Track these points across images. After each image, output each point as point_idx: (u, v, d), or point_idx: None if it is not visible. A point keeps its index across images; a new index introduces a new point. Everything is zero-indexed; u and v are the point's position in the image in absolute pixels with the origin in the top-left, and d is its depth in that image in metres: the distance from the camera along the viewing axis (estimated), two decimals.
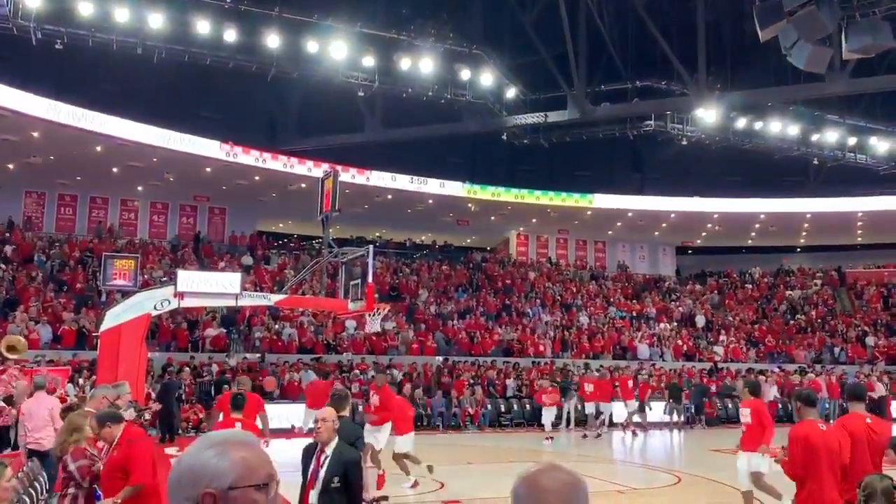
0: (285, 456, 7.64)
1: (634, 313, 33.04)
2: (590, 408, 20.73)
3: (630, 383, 21.88)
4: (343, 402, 6.91)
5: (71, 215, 29.29)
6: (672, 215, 34.62)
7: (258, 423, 10.27)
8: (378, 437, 11.59)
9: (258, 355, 23.45)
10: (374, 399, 12.06)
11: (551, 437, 19.48)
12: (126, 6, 22.53)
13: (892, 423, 6.39)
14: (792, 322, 34.40)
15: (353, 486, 5.25)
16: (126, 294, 14.94)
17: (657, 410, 23.15)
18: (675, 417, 23.23)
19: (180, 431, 18.62)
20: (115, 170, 26.73)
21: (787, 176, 36.40)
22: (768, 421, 9.32)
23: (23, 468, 8.42)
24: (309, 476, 5.31)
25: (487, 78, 28.24)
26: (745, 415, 9.39)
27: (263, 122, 32.48)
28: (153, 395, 17.05)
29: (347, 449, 5.40)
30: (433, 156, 33.21)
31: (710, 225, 36.40)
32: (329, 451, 5.28)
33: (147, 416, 11.62)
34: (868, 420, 5.95)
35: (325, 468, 5.21)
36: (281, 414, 20.04)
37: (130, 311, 13.22)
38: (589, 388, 20.80)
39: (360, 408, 20.90)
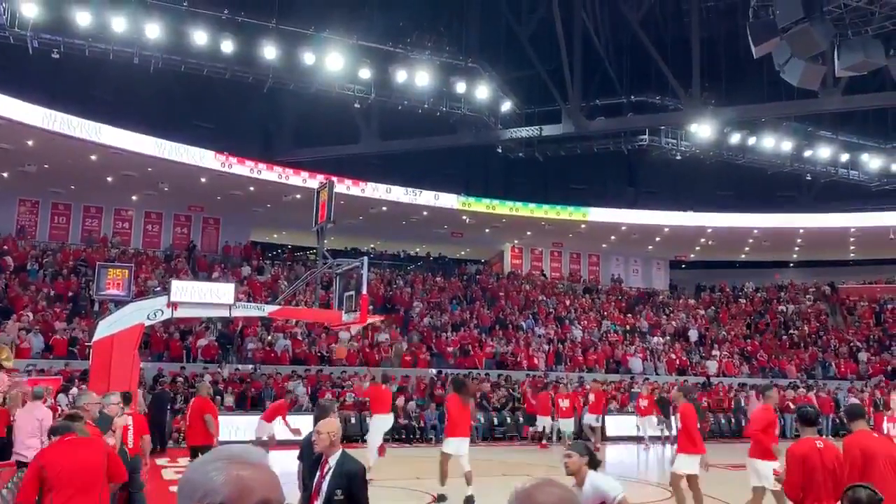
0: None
1: (628, 327, 33.07)
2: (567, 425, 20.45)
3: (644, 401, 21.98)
4: (327, 412, 6.90)
5: (65, 224, 29.21)
6: (666, 229, 34.72)
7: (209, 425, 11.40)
8: None
9: (251, 366, 23.37)
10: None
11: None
12: (123, 16, 22.58)
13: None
14: (785, 337, 34.48)
15: (357, 498, 4.99)
16: (119, 304, 14.89)
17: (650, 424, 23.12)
18: (666, 432, 23.22)
19: (171, 442, 18.52)
20: (109, 179, 26.68)
21: (781, 191, 36.61)
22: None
23: (13, 478, 8.36)
24: (313, 488, 5.12)
25: (483, 91, 28.35)
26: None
27: (259, 133, 32.52)
28: (145, 406, 16.94)
29: (350, 459, 5.13)
30: (428, 168, 33.28)
31: (703, 239, 36.51)
32: (332, 461, 5.06)
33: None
34: (875, 436, 5.88)
35: (327, 480, 5.00)
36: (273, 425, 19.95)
37: (124, 321, 13.16)
38: (564, 403, 20.73)
39: (353, 419, 20.93)
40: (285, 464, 6.97)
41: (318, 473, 5.14)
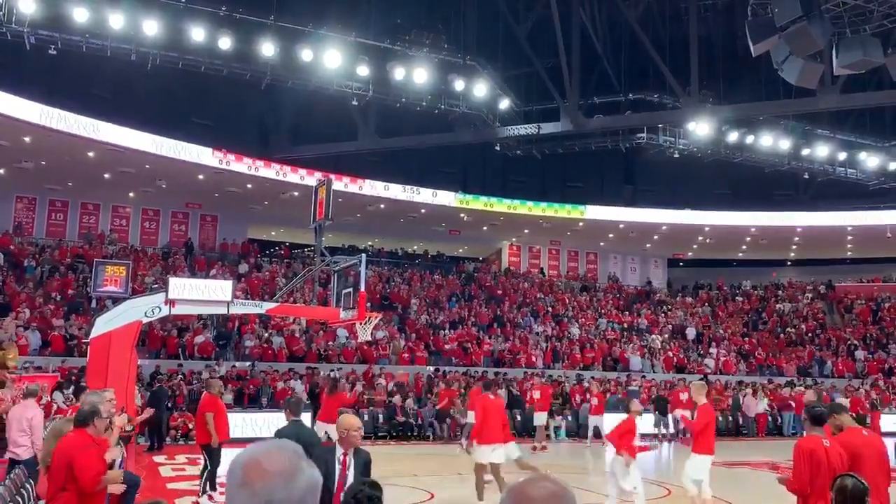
0: None
1: (625, 325, 33.09)
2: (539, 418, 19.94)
3: (682, 396, 21.76)
4: (300, 406, 7.85)
5: (62, 221, 29.17)
6: (663, 227, 34.74)
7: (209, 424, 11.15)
8: None
9: (248, 363, 23.36)
10: None
11: None
12: (121, 13, 22.51)
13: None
14: (782, 335, 34.52)
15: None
16: (117, 301, 14.87)
17: (646, 423, 23.09)
18: (663, 430, 23.26)
19: (168, 440, 18.51)
20: (106, 176, 26.64)
21: (778, 190, 36.61)
22: None
23: (8, 476, 8.35)
24: (337, 481, 5.61)
25: (481, 89, 28.32)
26: None
27: (257, 130, 32.45)
28: (144, 403, 16.94)
29: (360, 450, 5.82)
30: (426, 165, 33.29)
31: (701, 238, 36.53)
32: (350, 454, 5.71)
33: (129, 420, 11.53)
34: (826, 443, 5.97)
35: (351, 470, 5.62)
36: (271, 422, 19.98)
37: (121, 318, 13.15)
38: (536, 394, 20.63)
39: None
40: None
41: (339, 468, 5.67)
